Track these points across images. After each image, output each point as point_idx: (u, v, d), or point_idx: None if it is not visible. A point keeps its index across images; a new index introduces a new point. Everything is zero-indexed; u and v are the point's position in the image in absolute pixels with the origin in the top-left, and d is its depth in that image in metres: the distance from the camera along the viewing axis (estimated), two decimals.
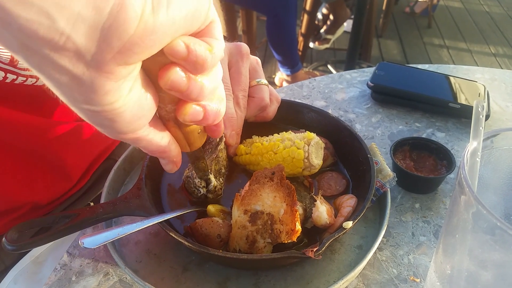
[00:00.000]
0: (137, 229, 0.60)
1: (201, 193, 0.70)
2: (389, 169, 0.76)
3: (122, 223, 0.72)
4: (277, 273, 0.66)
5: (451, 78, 1.11)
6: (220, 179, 0.73)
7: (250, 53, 0.79)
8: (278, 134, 0.75)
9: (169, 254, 0.68)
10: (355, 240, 0.71)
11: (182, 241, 0.60)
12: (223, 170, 0.75)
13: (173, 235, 0.60)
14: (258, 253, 0.61)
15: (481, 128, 0.48)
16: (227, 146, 0.76)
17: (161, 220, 0.62)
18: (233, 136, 0.73)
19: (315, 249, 0.58)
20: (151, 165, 0.71)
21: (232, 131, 0.73)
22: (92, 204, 0.95)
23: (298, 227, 0.60)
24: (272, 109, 0.80)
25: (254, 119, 0.80)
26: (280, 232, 0.60)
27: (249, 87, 0.77)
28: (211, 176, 0.69)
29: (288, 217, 0.60)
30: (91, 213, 0.64)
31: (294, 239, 0.60)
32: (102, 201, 0.74)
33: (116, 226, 0.60)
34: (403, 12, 4.67)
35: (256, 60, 0.80)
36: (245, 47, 0.76)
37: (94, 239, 0.57)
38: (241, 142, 0.78)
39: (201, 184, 0.69)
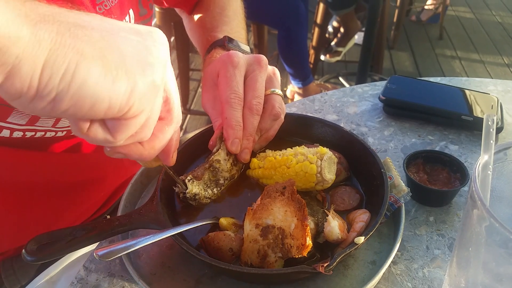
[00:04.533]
0: (150, 242, 0.61)
1: (181, 197, 0.72)
2: (403, 184, 0.75)
3: (138, 236, 0.73)
4: (289, 287, 0.66)
5: (464, 91, 1.11)
6: (214, 190, 0.74)
7: None
8: (291, 148, 0.76)
9: (183, 267, 0.69)
10: (368, 256, 0.71)
11: (195, 254, 0.60)
12: (221, 181, 0.75)
13: (186, 249, 0.61)
14: (269, 268, 0.62)
15: (491, 141, 0.48)
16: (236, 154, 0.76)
17: (174, 233, 0.63)
18: (235, 143, 0.73)
19: (326, 264, 0.57)
20: (166, 179, 0.73)
21: (235, 139, 0.73)
22: (108, 217, 0.97)
23: (309, 242, 0.60)
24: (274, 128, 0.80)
25: (261, 145, 0.81)
26: (291, 246, 0.60)
27: None
28: (189, 184, 0.71)
29: (299, 231, 0.60)
30: (108, 226, 0.65)
31: (305, 254, 0.60)
32: (119, 213, 0.76)
33: (130, 239, 0.61)
34: (413, 22, 4.65)
35: (273, 70, 0.81)
36: (264, 58, 0.77)
37: (108, 252, 0.58)
38: (254, 156, 0.78)
39: (177, 189, 0.72)
